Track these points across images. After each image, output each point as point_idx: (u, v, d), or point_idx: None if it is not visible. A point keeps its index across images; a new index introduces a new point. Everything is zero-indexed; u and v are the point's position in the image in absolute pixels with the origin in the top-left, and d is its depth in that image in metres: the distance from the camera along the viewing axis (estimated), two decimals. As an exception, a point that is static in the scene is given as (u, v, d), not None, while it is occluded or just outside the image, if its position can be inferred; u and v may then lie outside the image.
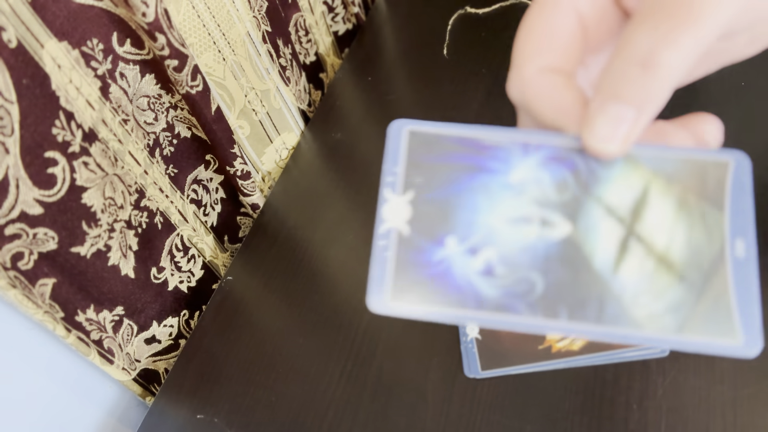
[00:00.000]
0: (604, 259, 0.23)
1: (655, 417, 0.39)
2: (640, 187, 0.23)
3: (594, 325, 0.22)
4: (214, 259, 0.61)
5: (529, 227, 0.23)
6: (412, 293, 0.23)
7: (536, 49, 0.24)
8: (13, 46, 0.38)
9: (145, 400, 0.54)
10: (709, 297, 0.22)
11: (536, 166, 0.24)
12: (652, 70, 0.21)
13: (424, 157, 0.24)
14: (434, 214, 0.24)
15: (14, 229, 0.40)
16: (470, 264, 0.23)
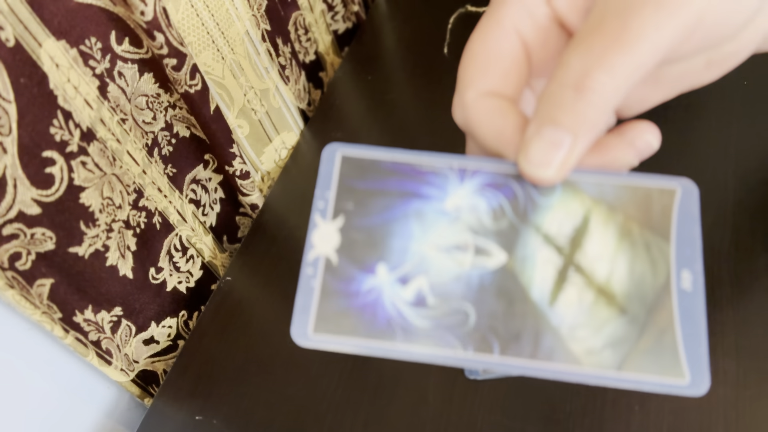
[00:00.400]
0: (541, 290, 0.22)
1: (657, 419, 0.39)
2: (581, 215, 0.22)
3: (528, 361, 0.21)
4: (213, 259, 0.60)
5: (463, 256, 0.22)
6: (337, 324, 0.21)
7: (478, 73, 0.24)
8: (11, 44, 0.37)
9: (143, 402, 0.54)
10: (653, 332, 0.21)
11: (472, 193, 0.23)
12: (586, 93, 0.20)
13: (357, 182, 0.23)
14: (365, 242, 0.22)
15: (12, 229, 0.39)
16: (400, 294, 0.22)
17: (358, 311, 0.22)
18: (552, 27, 0.24)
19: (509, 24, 0.24)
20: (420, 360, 0.21)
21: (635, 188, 0.22)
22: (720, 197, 0.46)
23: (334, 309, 0.22)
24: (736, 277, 0.43)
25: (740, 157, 0.48)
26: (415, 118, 0.62)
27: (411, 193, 0.23)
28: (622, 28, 0.20)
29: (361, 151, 0.23)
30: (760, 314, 0.41)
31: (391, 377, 0.45)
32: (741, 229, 0.45)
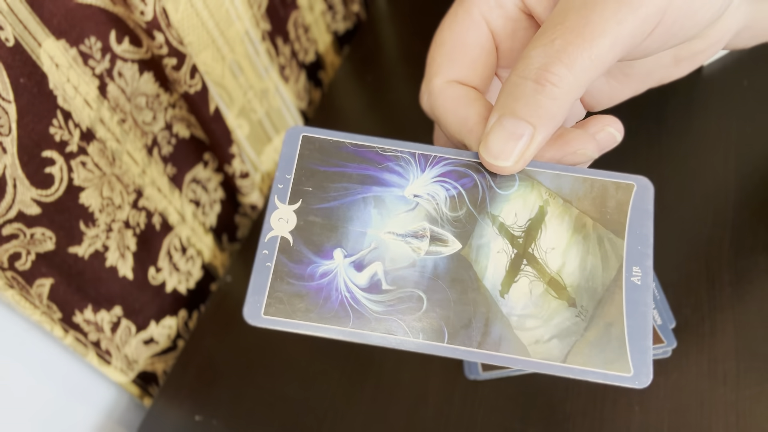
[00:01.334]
0: (493, 280, 0.22)
1: (657, 419, 0.39)
2: (537, 208, 0.23)
3: (475, 349, 0.21)
4: (213, 259, 0.60)
5: (419, 243, 0.22)
6: (289, 306, 0.22)
7: (445, 61, 0.24)
8: (11, 44, 0.37)
9: (143, 402, 0.54)
10: (601, 324, 0.21)
11: (432, 181, 0.23)
12: (546, 86, 0.20)
13: (318, 165, 0.23)
14: (322, 225, 0.23)
15: (11, 229, 0.39)
16: (355, 279, 0.22)
17: (312, 294, 0.22)
18: (520, 18, 0.24)
19: (478, 13, 0.24)
20: (370, 343, 0.22)
21: (592, 183, 0.23)
22: (720, 197, 0.46)
23: (288, 291, 0.22)
24: (736, 277, 0.43)
25: (740, 156, 0.48)
26: (415, 118, 0.62)
27: (371, 178, 0.23)
28: (584, 22, 0.20)
29: (324, 134, 0.23)
30: (760, 314, 0.41)
31: (391, 377, 0.45)
32: (741, 229, 0.45)
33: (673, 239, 0.46)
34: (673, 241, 0.45)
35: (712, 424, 0.38)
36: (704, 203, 0.47)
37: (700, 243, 0.45)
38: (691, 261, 0.44)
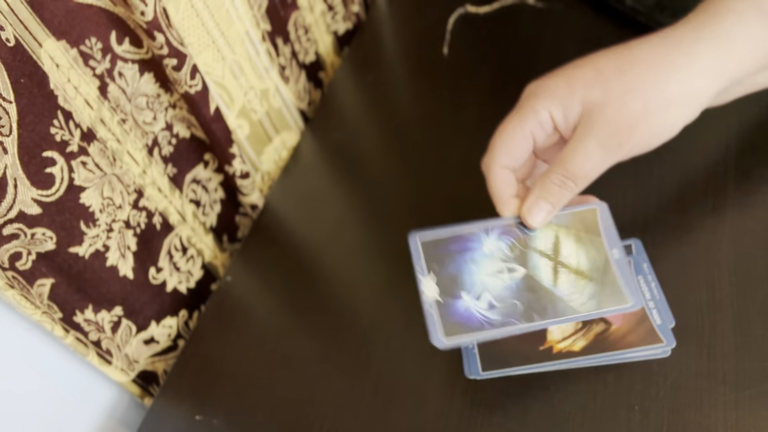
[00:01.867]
0: (547, 281, 0.39)
1: (657, 418, 0.39)
2: (553, 236, 0.40)
3: (554, 319, 0.37)
4: (213, 259, 0.60)
5: (503, 275, 0.39)
6: (455, 330, 0.37)
7: (503, 153, 0.39)
8: (11, 44, 0.38)
9: (143, 402, 0.54)
10: (608, 284, 0.38)
11: (495, 240, 0.40)
12: (563, 189, 0.37)
13: (434, 252, 0.40)
14: (450, 283, 0.39)
15: (12, 229, 0.39)
16: (479, 306, 0.38)
17: (462, 320, 0.38)
18: (552, 134, 0.39)
19: (528, 130, 0.38)
20: (501, 335, 0.37)
21: (576, 214, 0.40)
22: (720, 197, 0.46)
23: (450, 322, 0.38)
24: (735, 277, 0.43)
25: (740, 156, 0.48)
26: (415, 119, 0.62)
27: (463, 249, 0.40)
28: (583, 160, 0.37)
29: (429, 234, 0.40)
30: (760, 314, 0.41)
31: (391, 377, 0.45)
32: (742, 229, 0.45)
33: (673, 239, 0.46)
34: (673, 241, 0.46)
35: (711, 424, 0.38)
36: (704, 203, 0.47)
37: (700, 243, 0.45)
38: (690, 261, 0.44)
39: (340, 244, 0.55)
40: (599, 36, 0.61)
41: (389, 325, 0.48)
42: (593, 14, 0.63)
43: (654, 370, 0.40)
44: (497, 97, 0.60)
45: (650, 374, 0.40)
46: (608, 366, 0.41)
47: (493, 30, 0.66)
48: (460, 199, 0.54)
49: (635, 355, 0.41)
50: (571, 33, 0.63)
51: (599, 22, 0.62)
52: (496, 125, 0.39)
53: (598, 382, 0.41)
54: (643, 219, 0.47)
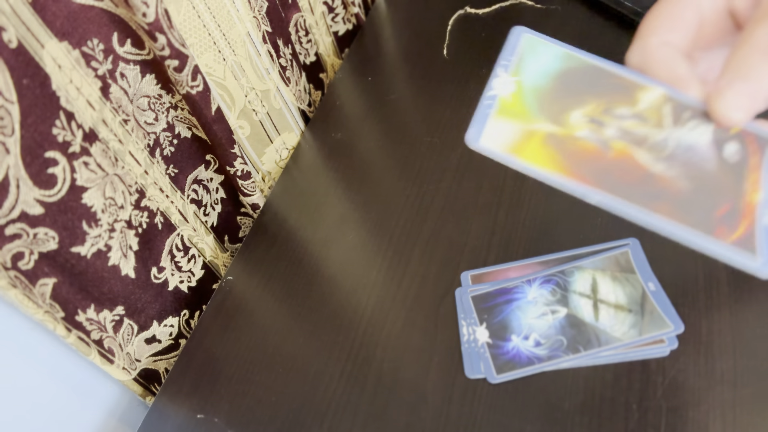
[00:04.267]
0: (588, 317, 0.43)
1: (655, 417, 0.39)
2: (591, 278, 0.45)
3: (599, 349, 0.42)
4: (215, 259, 0.61)
5: (547, 316, 0.44)
6: (506, 368, 0.43)
7: (662, 26, 0.29)
8: (14, 46, 0.38)
9: (145, 400, 0.54)
10: (647, 314, 0.42)
11: (538, 288, 0.46)
12: None
13: (485, 304, 0.46)
14: (500, 328, 0.45)
15: (15, 229, 0.40)
16: (527, 344, 0.44)
17: (512, 359, 0.43)
18: (725, 13, 0.29)
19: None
20: (550, 368, 0.42)
21: (608, 258, 0.45)
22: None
23: (500, 363, 0.43)
24: (733, 277, 0.43)
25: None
26: (416, 119, 0.63)
27: (511, 299, 0.46)
28: None
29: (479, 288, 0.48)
30: (758, 314, 0.41)
31: (390, 377, 0.46)
32: (739, 229, 0.45)
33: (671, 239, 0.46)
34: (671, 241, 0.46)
35: (709, 423, 0.38)
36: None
37: (698, 242, 0.45)
38: (688, 260, 0.44)
39: (340, 244, 0.55)
40: (598, 36, 0.61)
41: (389, 325, 0.48)
42: (592, 15, 0.63)
43: (652, 369, 0.41)
44: (497, 97, 0.61)
45: (649, 373, 0.41)
46: (607, 365, 0.42)
47: (493, 31, 0.67)
48: (460, 200, 0.54)
49: (634, 354, 0.41)
50: (570, 33, 0.63)
51: (598, 22, 0.62)
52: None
53: (597, 381, 0.41)
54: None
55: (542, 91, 0.31)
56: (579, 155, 0.29)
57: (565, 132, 0.30)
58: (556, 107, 0.31)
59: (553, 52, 0.32)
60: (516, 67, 0.32)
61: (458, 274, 0.48)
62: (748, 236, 0.28)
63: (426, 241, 0.52)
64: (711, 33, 0.30)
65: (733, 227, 0.28)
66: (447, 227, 0.52)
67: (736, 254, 0.28)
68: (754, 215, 0.28)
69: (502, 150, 0.29)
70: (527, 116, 0.30)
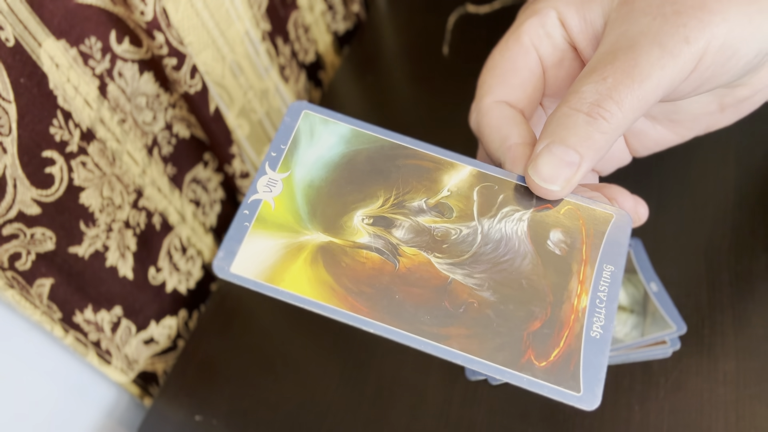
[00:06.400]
0: None
1: (657, 418, 0.39)
2: None
3: None
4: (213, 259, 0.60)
5: None
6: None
7: (496, 83, 0.26)
8: (11, 44, 0.37)
9: (143, 402, 0.54)
10: (649, 315, 0.42)
11: None
12: (597, 120, 0.22)
13: None
14: None
15: (12, 229, 0.39)
16: None
17: None
18: (567, 49, 0.26)
19: (528, 41, 0.26)
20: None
21: None
22: (720, 197, 0.46)
23: None
24: (735, 277, 0.43)
25: (740, 156, 0.48)
26: (415, 119, 0.62)
27: None
28: (632, 64, 0.22)
29: None
30: (760, 314, 0.41)
31: (391, 377, 0.45)
32: (741, 229, 0.45)
33: (673, 240, 0.46)
34: (673, 242, 0.45)
35: (711, 424, 0.38)
36: (704, 203, 0.47)
37: (700, 243, 0.45)
38: (690, 261, 0.44)
39: (340, 244, 0.55)
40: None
41: (389, 326, 0.48)
42: (593, 14, 0.63)
43: (654, 371, 0.40)
44: (497, 97, 0.60)
45: (651, 374, 0.40)
46: (609, 366, 0.41)
47: (493, 30, 0.66)
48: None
49: (635, 355, 0.41)
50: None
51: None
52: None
53: (599, 382, 0.41)
54: (643, 219, 0.47)
55: (317, 190, 0.25)
56: (356, 272, 0.24)
57: (342, 241, 0.24)
58: (333, 209, 0.25)
59: (337, 133, 0.26)
60: (287, 160, 0.26)
61: (459, 274, 0.48)
62: (565, 357, 0.23)
63: (426, 242, 0.52)
64: (558, 76, 0.27)
65: (547, 348, 0.23)
66: (447, 227, 0.52)
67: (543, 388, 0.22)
68: (582, 324, 0.23)
69: (256, 277, 0.24)
70: (294, 227, 0.25)
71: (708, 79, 0.24)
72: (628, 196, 0.25)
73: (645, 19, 0.23)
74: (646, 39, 0.22)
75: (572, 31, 0.25)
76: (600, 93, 0.22)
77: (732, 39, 0.22)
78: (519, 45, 0.26)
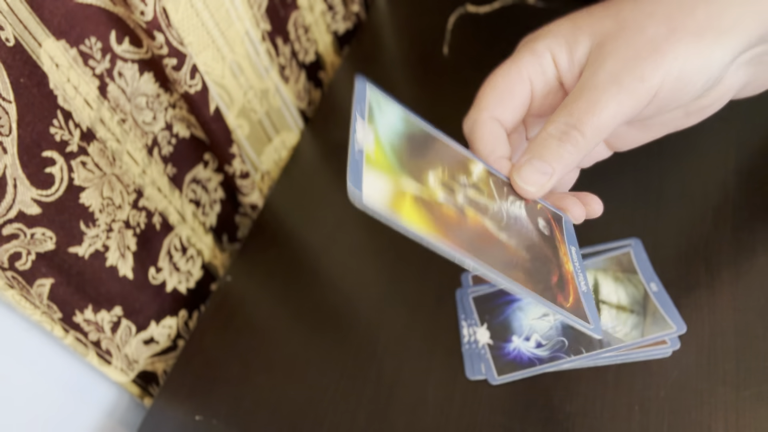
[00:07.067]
0: None
1: (657, 419, 0.39)
2: (592, 279, 0.44)
3: (600, 350, 0.41)
4: (213, 259, 0.60)
5: (548, 317, 0.44)
6: (507, 369, 0.42)
7: (493, 101, 0.32)
8: (11, 44, 0.37)
9: (143, 402, 0.54)
10: (649, 314, 0.42)
11: None
12: (565, 143, 0.30)
13: (486, 305, 0.45)
14: (501, 329, 0.44)
15: (12, 229, 0.39)
16: (528, 346, 0.43)
17: (513, 360, 0.42)
18: (555, 84, 0.33)
19: (526, 75, 0.32)
20: (550, 371, 0.41)
21: (610, 258, 0.44)
22: (720, 197, 0.46)
23: (502, 363, 0.42)
24: (735, 277, 0.43)
25: (740, 156, 0.48)
26: (415, 118, 0.62)
27: (512, 300, 0.45)
28: (594, 101, 0.29)
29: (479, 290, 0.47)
30: (760, 314, 0.41)
31: (391, 377, 0.45)
32: (741, 229, 0.45)
33: (673, 239, 0.46)
34: (673, 241, 0.45)
35: (711, 424, 0.38)
36: (704, 202, 0.47)
37: (700, 243, 0.45)
38: (690, 261, 0.44)
39: (339, 244, 0.55)
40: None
41: (389, 325, 0.48)
42: (593, 14, 0.63)
43: (654, 371, 0.40)
44: (497, 96, 0.60)
45: (651, 375, 0.40)
46: (609, 366, 0.41)
47: (493, 30, 0.66)
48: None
49: (636, 355, 0.41)
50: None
51: (599, 21, 0.62)
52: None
53: (599, 382, 0.41)
54: (642, 219, 0.47)
55: (396, 151, 0.29)
56: (446, 220, 0.28)
57: (428, 195, 0.28)
58: (413, 166, 0.29)
59: (395, 112, 0.32)
60: (370, 118, 0.31)
61: (459, 274, 0.48)
62: (577, 302, 0.30)
63: (426, 242, 0.52)
64: (543, 104, 0.34)
65: (566, 294, 0.30)
66: (447, 227, 0.52)
67: (574, 320, 0.30)
68: (575, 282, 0.31)
69: (386, 209, 0.27)
70: (393, 172, 0.28)
71: (668, 103, 0.30)
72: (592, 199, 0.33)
73: (610, 62, 0.29)
74: (607, 79, 0.29)
75: (561, 70, 0.32)
76: (568, 124, 0.29)
77: (685, 72, 0.29)
78: (519, 76, 0.32)
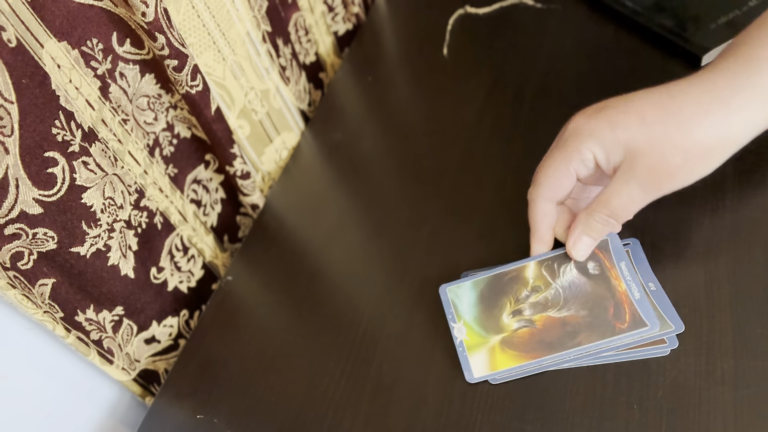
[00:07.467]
0: None
1: (656, 417, 0.39)
2: None
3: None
4: (214, 259, 0.61)
5: None
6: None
7: (547, 187, 0.44)
8: (13, 45, 0.38)
9: (144, 401, 0.54)
10: None
11: None
12: (604, 227, 0.43)
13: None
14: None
15: (14, 228, 0.40)
16: None
17: None
18: (593, 171, 0.43)
19: (573, 170, 0.42)
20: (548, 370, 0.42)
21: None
22: (718, 197, 0.47)
23: None
24: (734, 277, 0.43)
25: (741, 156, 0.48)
26: (415, 119, 0.63)
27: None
28: (625, 204, 0.41)
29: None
30: (759, 314, 0.41)
31: (390, 377, 0.45)
32: (741, 229, 0.45)
33: (672, 239, 0.46)
34: (672, 241, 0.46)
35: (710, 423, 0.38)
36: (704, 202, 0.47)
37: (699, 242, 0.45)
38: (689, 260, 0.44)
39: (340, 244, 0.55)
40: (598, 37, 0.61)
41: (389, 325, 0.48)
42: (592, 15, 0.63)
43: (653, 370, 0.41)
44: (497, 97, 0.61)
45: (649, 374, 0.40)
46: (607, 365, 0.41)
47: (493, 30, 0.67)
48: (460, 199, 0.54)
49: (635, 354, 0.41)
50: (571, 33, 0.63)
51: (598, 22, 0.62)
52: (495, 125, 0.39)
53: (597, 381, 0.41)
54: (641, 219, 0.47)
55: (479, 318, 0.44)
56: (524, 342, 0.42)
57: (507, 333, 0.43)
58: (492, 322, 0.44)
59: (468, 287, 0.46)
60: (457, 314, 0.45)
61: (458, 274, 0.48)
62: (633, 315, 0.41)
63: (426, 241, 0.52)
64: (581, 188, 0.46)
65: (622, 316, 0.41)
66: (447, 227, 0.52)
67: (635, 334, 0.40)
68: (628, 296, 0.42)
69: (488, 373, 0.42)
70: (484, 340, 0.43)
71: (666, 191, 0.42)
72: None
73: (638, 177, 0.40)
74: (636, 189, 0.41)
75: (600, 165, 0.42)
76: (608, 215, 0.42)
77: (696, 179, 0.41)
78: (567, 171, 0.42)
